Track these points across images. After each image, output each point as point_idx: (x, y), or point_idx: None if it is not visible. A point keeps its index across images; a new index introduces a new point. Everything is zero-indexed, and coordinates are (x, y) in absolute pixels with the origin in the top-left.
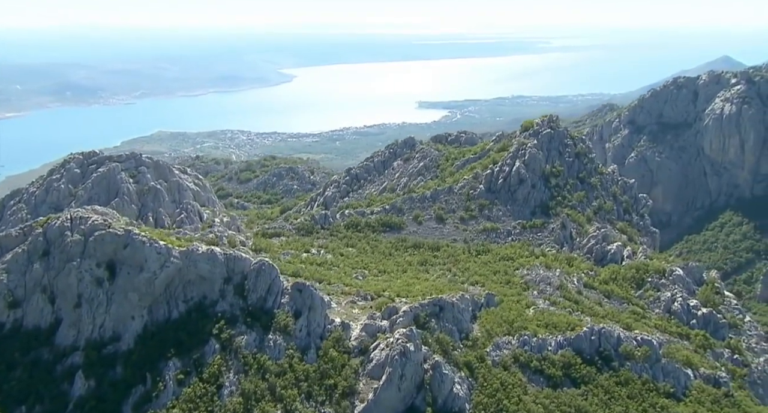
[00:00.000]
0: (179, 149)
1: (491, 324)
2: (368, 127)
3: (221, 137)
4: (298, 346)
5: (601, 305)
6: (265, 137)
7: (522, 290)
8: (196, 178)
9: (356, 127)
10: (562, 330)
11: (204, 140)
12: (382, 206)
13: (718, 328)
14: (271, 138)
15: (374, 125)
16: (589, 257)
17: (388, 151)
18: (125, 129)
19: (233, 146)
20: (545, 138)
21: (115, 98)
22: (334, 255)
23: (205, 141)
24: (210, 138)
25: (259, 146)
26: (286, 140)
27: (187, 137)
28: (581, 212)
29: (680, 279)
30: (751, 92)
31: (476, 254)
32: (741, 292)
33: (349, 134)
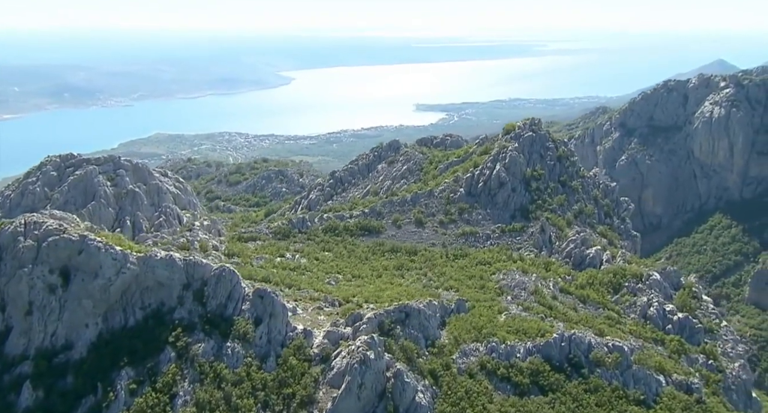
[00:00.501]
0: (176, 151)
1: (460, 330)
2: (365, 129)
3: (219, 139)
4: (258, 354)
5: (576, 310)
6: (263, 139)
7: (496, 295)
8: (177, 181)
9: (353, 129)
10: (532, 337)
11: (202, 142)
12: (362, 209)
13: (694, 333)
14: (269, 140)
15: (371, 128)
16: (567, 262)
17: (373, 154)
18: (123, 131)
19: (230, 149)
20: (527, 141)
21: (114, 100)
22: (309, 260)
23: (202, 143)
24: (208, 140)
25: (257, 148)
26: (284, 143)
27: (184, 139)
28: (561, 216)
29: (657, 284)
30: (739, 96)
31: (453, 258)
32: (729, 295)
33: (346, 137)
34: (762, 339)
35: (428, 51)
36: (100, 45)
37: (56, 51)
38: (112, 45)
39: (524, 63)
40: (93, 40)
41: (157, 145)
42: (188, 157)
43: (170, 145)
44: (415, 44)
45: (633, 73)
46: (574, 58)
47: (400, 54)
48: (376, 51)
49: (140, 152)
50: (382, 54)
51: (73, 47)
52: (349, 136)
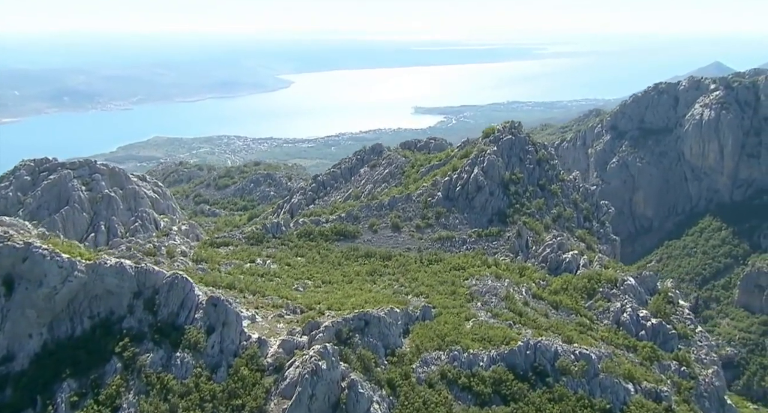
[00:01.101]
0: (175, 155)
1: (422, 338)
2: (364, 132)
3: (217, 142)
4: (208, 364)
5: (547, 316)
6: (261, 142)
7: (466, 301)
8: (156, 185)
9: (352, 132)
10: (497, 345)
11: (200, 146)
12: (338, 214)
13: (668, 339)
14: (267, 143)
15: (370, 131)
16: (543, 266)
17: (356, 157)
18: (122, 135)
19: (229, 152)
20: (506, 145)
21: (113, 104)
22: (280, 265)
23: (201, 147)
24: (206, 144)
25: (255, 151)
26: (282, 146)
27: (183, 143)
28: (539, 220)
29: (632, 289)
30: (729, 98)
31: (428, 263)
32: (719, 297)
33: (344, 140)
34: (751, 342)
35: (427, 54)
36: (100, 49)
37: (56, 55)
38: (111, 49)
39: (523, 66)
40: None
41: (155, 148)
42: (180, 160)
43: (169, 148)
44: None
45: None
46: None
47: (400, 57)
48: (376, 54)
49: (139, 156)
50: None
51: (73, 51)
52: (347, 139)
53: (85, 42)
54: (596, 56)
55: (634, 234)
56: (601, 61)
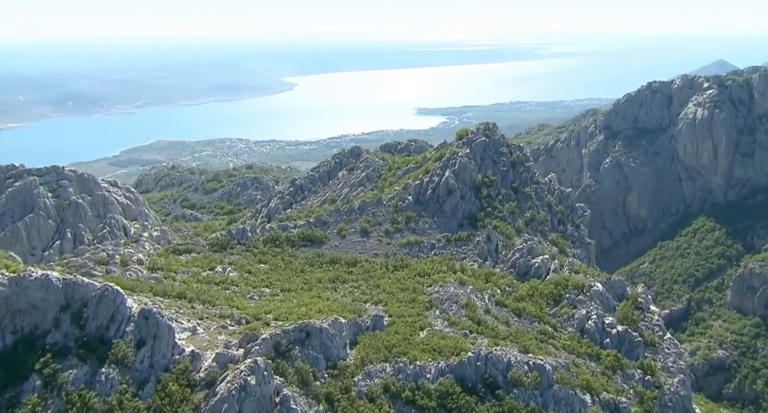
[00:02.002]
0: (177, 158)
1: (369, 349)
2: (366, 134)
3: (220, 145)
4: (135, 380)
5: (508, 324)
6: (264, 144)
7: (424, 309)
8: (128, 191)
9: (354, 134)
10: (447, 356)
11: (203, 149)
12: (306, 219)
13: (633, 347)
14: (269, 146)
15: (372, 132)
16: (512, 272)
17: (334, 161)
18: (125, 138)
19: (231, 154)
20: (479, 147)
21: (116, 108)
22: (240, 273)
23: (203, 150)
24: (209, 147)
25: (257, 154)
26: (284, 148)
27: (185, 146)
28: (511, 224)
29: (598, 295)
30: (723, 97)
31: (393, 269)
32: (712, 299)
33: (346, 141)
34: (743, 345)
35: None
36: (103, 54)
37: (60, 60)
38: (114, 53)
39: (525, 66)
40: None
41: (158, 152)
42: (173, 164)
43: (171, 152)
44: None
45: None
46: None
47: (402, 58)
48: (378, 56)
49: (141, 159)
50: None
51: (77, 56)
52: (349, 141)
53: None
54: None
55: (628, 235)
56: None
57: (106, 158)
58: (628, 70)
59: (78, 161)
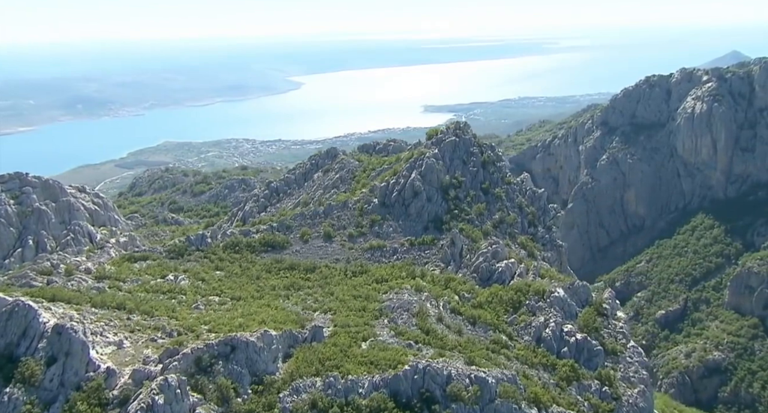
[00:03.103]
0: (184, 159)
1: (302, 363)
2: (372, 132)
3: (226, 146)
4: (42, 399)
5: (460, 333)
6: (269, 144)
7: (373, 318)
8: (96, 196)
9: (360, 132)
10: (383, 369)
11: (209, 150)
12: (269, 223)
13: (592, 356)
14: (275, 146)
15: (378, 130)
16: (474, 277)
17: (310, 162)
18: (133, 140)
19: (237, 155)
20: (448, 147)
21: (125, 110)
22: (192, 281)
23: (209, 150)
24: (215, 147)
25: (263, 154)
26: (290, 148)
27: (192, 147)
28: (479, 227)
29: (559, 301)
30: (722, 90)
31: (352, 275)
32: (709, 299)
33: (353, 140)
34: (739, 347)
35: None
36: (112, 57)
37: (69, 64)
38: (122, 56)
39: (534, 61)
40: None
41: (165, 153)
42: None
43: (178, 153)
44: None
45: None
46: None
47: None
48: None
49: (148, 161)
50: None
51: (86, 60)
52: (355, 139)
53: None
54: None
55: (626, 233)
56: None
57: (113, 160)
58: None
59: (86, 163)
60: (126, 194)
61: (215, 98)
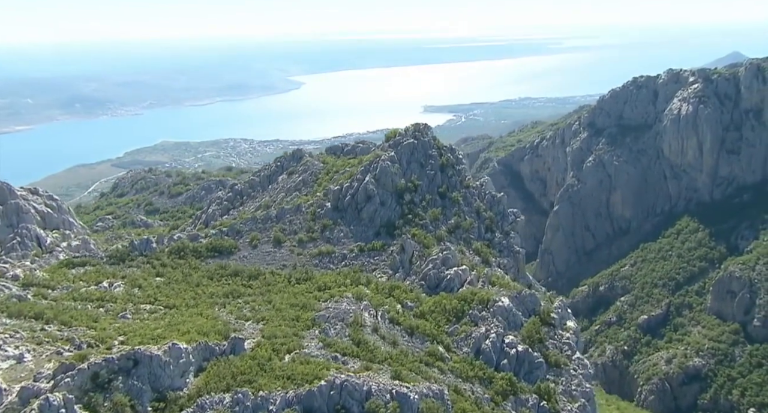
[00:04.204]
0: (181, 159)
1: (214, 377)
2: (371, 132)
3: (223, 145)
4: None
5: (395, 345)
6: (267, 144)
7: (304, 328)
8: (50, 199)
9: (359, 132)
10: (300, 384)
11: (206, 149)
12: (219, 228)
13: (533, 369)
14: (273, 146)
15: (377, 131)
16: (422, 285)
17: (275, 164)
18: (131, 140)
19: (234, 155)
20: (406, 149)
21: (123, 109)
22: (127, 288)
23: (207, 150)
24: (212, 147)
25: (261, 153)
26: (288, 148)
27: (189, 147)
28: (432, 232)
29: (503, 311)
30: (708, 91)
31: (296, 282)
32: (692, 304)
33: (351, 140)
34: (719, 353)
35: (440, 52)
36: (111, 56)
37: (68, 63)
38: (122, 56)
39: (537, 61)
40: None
41: (162, 153)
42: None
43: (175, 153)
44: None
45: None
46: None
47: (412, 56)
48: (388, 53)
49: (145, 161)
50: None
51: (85, 59)
52: (353, 139)
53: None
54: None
55: (611, 236)
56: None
57: (109, 159)
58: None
59: (82, 163)
60: (108, 194)
61: (215, 98)
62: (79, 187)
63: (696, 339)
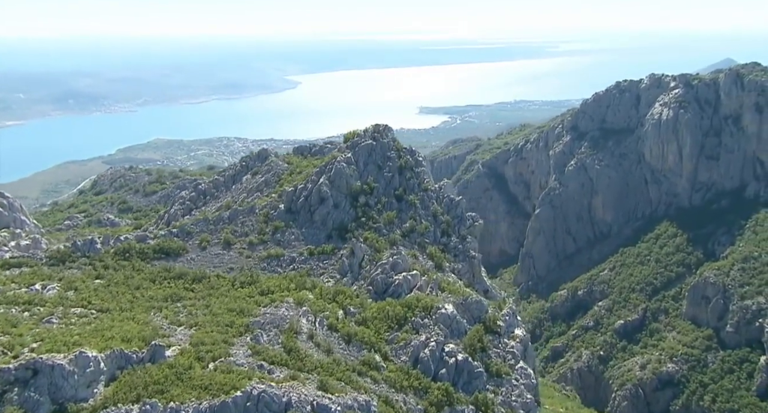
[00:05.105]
0: (173, 157)
1: (124, 387)
2: None
3: (217, 144)
4: None
5: (329, 353)
6: (261, 143)
7: (237, 335)
8: (2, 196)
9: None
10: (216, 394)
11: (199, 148)
12: (169, 229)
13: (473, 379)
14: (267, 145)
15: None
16: (370, 290)
17: (240, 164)
18: (124, 137)
19: (227, 154)
20: (363, 151)
21: (117, 106)
22: (61, 291)
23: (200, 149)
24: (205, 145)
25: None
26: (281, 147)
27: (182, 145)
28: (385, 236)
29: (445, 318)
30: (688, 96)
31: (240, 286)
32: (668, 309)
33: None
34: (693, 358)
35: (438, 53)
36: (106, 52)
37: (62, 58)
38: (117, 52)
39: (534, 64)
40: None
41: (154, 150)
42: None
43: (167, 150)
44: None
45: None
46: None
47: (409, 57)
48: (386, 54)
49: (136, 158)
50: (392, 57)
51: (79, 55)
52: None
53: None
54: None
55: (592, 240)
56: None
57: (101, 156)
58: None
59: (73, 159)
60: (86, 192)
61: (211, 96)
62: (69, 184)
63: (670, 345)
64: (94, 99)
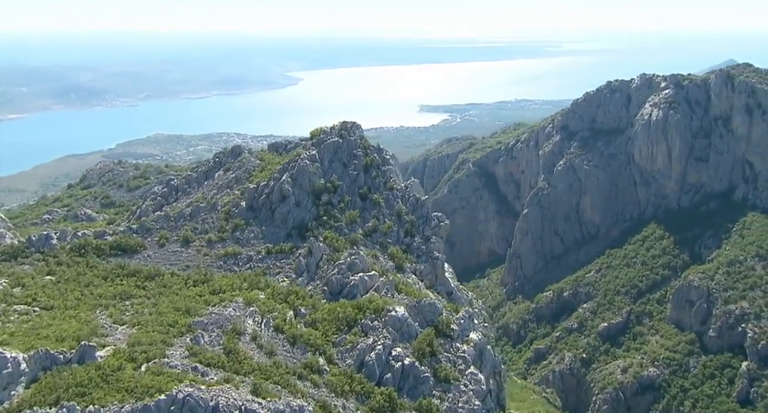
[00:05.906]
0: (172, 152)
1: (44, 389)
2: (366, 130)
3: (216, 139)
4: None
5: (271, 355)
6: (261, 139)
7: (177, 335)
8: None
9: None
10: (141, 397)
11: (198, 143)
12: (129, 225)
13: (419, 384)
14: (266, 141)
15: (371, 129)
16: (325, 290)
17: (214, 160)
18: (125, 131)
19: None
20: (329, 148)
21: (119, 100)
22: (7, 288)
23: (199, 144)
24: (205, 141)
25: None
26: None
27: (182, 140)
28: (346, 235)
29: (395, 321)
30: (678, 97)
31: (193, 284)
32: (652, 312)
33: None
34: (674, 363)
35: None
36: (108, 46)
37: (64, 52)
38: (119, 46)
39: (536, 64)
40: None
41: (154, 145)
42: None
43: (167, 145)
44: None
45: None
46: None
47: (411, 55)
48: (387, 52)
49: (136, 153)
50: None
51: (81, 49)
52: None
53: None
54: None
55: (580, 241)
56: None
57: (101, 151)
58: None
59: (72, 153)
60: (75, 186)
61: (212, 91)
62: (68, 177)
63: (653, 349)
64: (95, 93)
